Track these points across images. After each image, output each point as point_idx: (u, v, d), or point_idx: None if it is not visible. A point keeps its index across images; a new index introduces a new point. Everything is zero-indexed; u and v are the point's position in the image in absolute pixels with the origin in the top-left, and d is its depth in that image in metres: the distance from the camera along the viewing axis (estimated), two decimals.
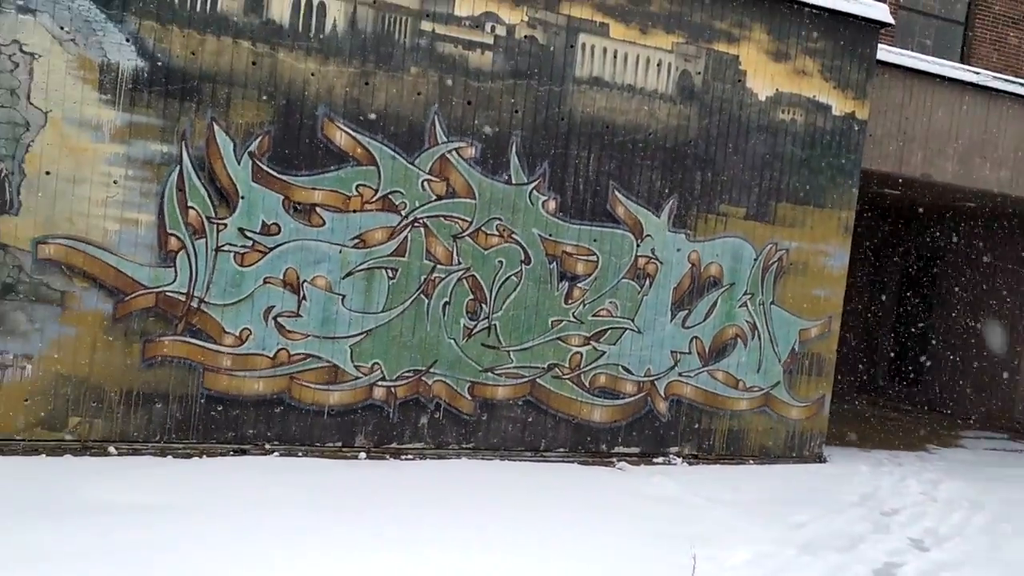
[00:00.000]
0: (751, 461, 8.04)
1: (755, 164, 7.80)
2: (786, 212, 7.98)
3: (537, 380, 7.23)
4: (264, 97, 6.26)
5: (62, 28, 5.72)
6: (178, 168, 6.08)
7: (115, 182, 5.94)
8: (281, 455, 6.41)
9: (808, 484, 7.46)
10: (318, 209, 6.46)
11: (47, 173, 5.77)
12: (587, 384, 7.40)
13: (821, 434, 8.38)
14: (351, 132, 6.49)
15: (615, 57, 7.21)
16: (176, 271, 6.15)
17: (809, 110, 7.95)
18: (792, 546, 5.62)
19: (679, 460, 7.72)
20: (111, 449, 6.02)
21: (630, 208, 7.38)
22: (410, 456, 6.84)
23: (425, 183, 6.75)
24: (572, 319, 7.30)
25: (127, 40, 5.89)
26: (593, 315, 7.37)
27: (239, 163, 6.23)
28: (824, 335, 8.28)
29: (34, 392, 5.87)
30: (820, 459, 8.36)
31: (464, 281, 6.93)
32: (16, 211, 5.73)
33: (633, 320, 7.48)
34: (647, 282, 7.52)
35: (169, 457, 6.04)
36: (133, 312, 6.06)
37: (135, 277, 6.05)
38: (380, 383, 6.77)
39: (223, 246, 6.24)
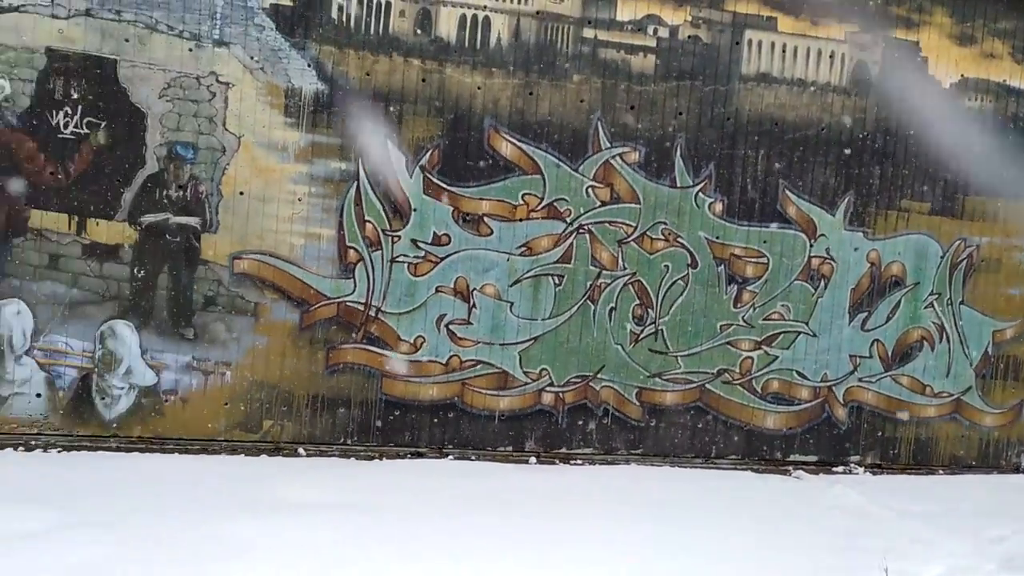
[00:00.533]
0: (940, 471, 7.53)
1: (940, 156, 7.32)
2: (975, 206, 7.44)
3: (706, 386, 7.09)
4: (433, 112, 6.49)
5: (252, 58, 6.16)
6: (355, 184, 6.41)
7: (299, 200, 6.34)
8: (455, 459, 6.62)
9: (1005, 496, 6.90)
10: (486, 219, 6.62)
11: (240, 193, 6.23)
12: (759, 390, 7.18)
13: (1019, 442, 7.75)
14: (516, 142, 6.62)
15: (784, 51, 6.97)
16: (355, 282, 6.48)
17: (999, 95, 7.39)
18: (991, 561, 5.23)
19: (861, 469, 7.34)
20: (300, 450, 6.42)
21: (802, 207, 7.11)
22: (579, 461, 6.88)
23: (589, 189, 6.78)
24: (742, 323, 7.10)
25: (309, 65, 6.27)
26: (764, 319, 7.14)
27: (411, 177, 6.50)
28: (1021, 337, 7.66)
29: (232, 397, 6.35)
30: (1018, 469, 7.73)
31: (630, 286, 6.90)
32: (215, 229, 6.22)
33: (807, 323, 7.19)
34: (822, 283, 7.22)
35: (352, 459, 6.36)
36: (317, 322, 6.44)
37: (319, 288, 6.43)
38: (548, 388, 6.85)
39: (397, 257, 6.52)
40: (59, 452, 5.87)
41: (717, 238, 6.99)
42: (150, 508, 4.84)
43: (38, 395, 6.01)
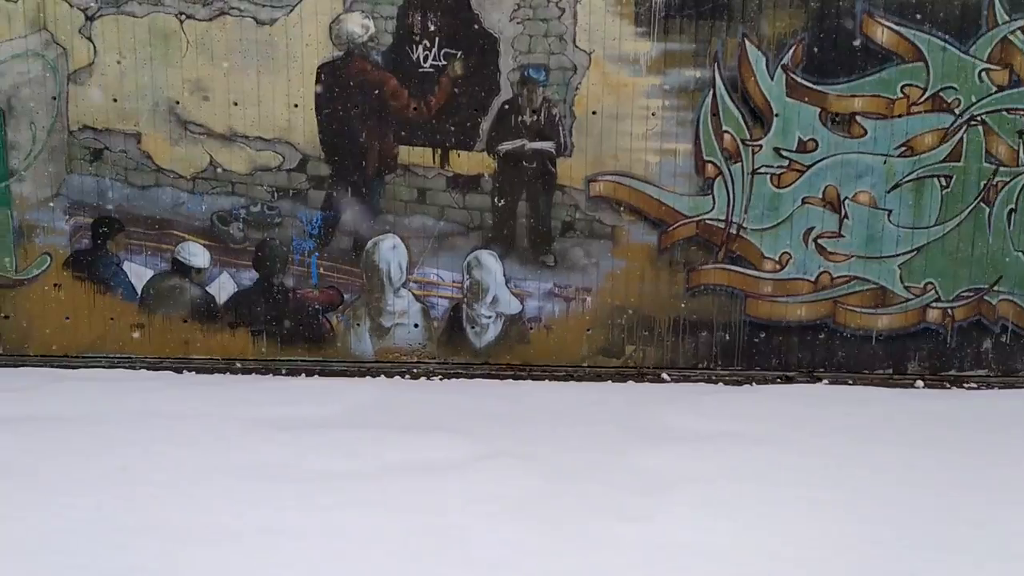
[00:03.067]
0: None
1: None
2: None
3: None
4: (795, 3, 5.83)
5: None
6: (711, 92, 5.94)
7: (653, 114, 6.00)
8: (829, 383, 6.12)
9: None
10: (858, 118, 5.90)
11: (593, 113, 6.00)
12: None
13: None
14: (894, 26, 5.79)
15: None
16: (714, 198, 6.07)
17: None
18: None
19: None
20: (664, 376, 6.23)
21: None
22: (972, 384, 6.11)
23: (983, 73, 5.82)
24: None
25: None
26: None
27: (772, 79, 5.91)
28: None
29: (594, 323, 6.26)
30: None
31: None
32: (569, 153, 6.06)
33: None
34: None
35: (720, 384, 6.07)
36: (676, 242, 6.14)
37: (676, 207, 6.10)
38: (934, 304, 6.10)
39: (759, 168, 6.01)
40: (440, 380, 6.14)
41: None
42: (553, 437, 4.85)
43: (416, 325, 6.29)
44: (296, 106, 5.99)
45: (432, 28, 5.91)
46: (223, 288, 6.24)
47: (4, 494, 4.03)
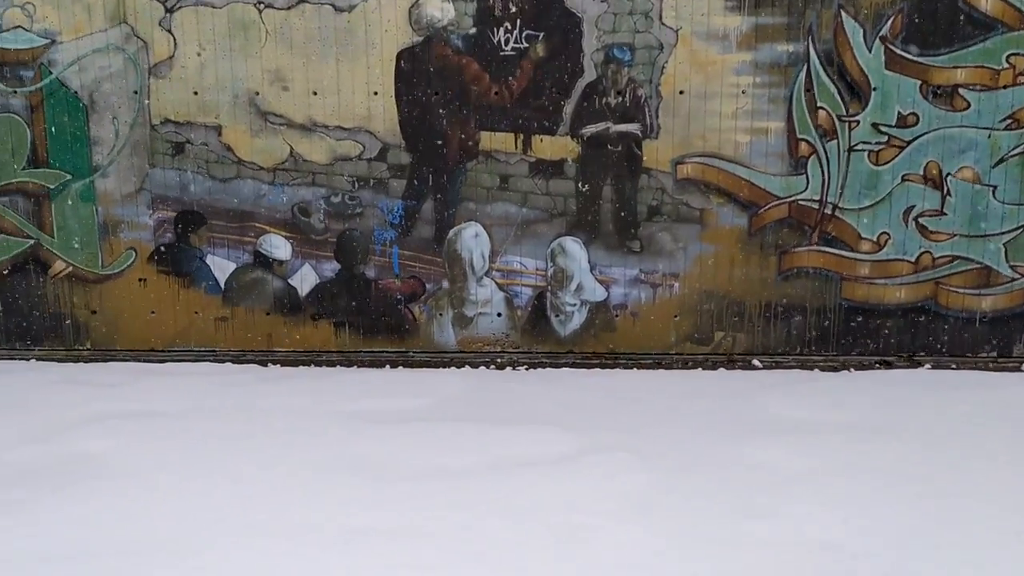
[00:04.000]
0: None
1: None
2: None
3: None
4: None
5: None
6: (805, 67, 5.70)
7: (743, 92, 5.78)
8: (931, 367, 5.88)
9: None
10: (961, 90, 5.62)
11: (680, 92, 5.80)
12: None
13: None
14: None
15: None
16: (808, 178, 5.85)
17: None
18: None
19: None
20: (755, 362, 6.03)
21: None
22: None
23: None
24: None
25: None
26: None
27: (870, 51, 5.66)
28: None
29: (682, 309, 6.09)
30: None
31: None
32: (656, 134, 5.88)
33: None
34: None
35: (815, 370, 5.85)
36: (767, 224, 5.92)
37: (767, 188, 5.89)
38: None
39: (855, 145, 5.77)
40: (526, 370, 6.03)
41: None
42: (655, 429, 4.70)
43: (499, 314, 6.18)
44: (376, 94, 5.89)
45: (513, 10, 5.75)
46: (305, 280, 6.20)
47: (116, 495, 4.01)
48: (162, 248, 6.13)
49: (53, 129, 5.97)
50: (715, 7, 5.68)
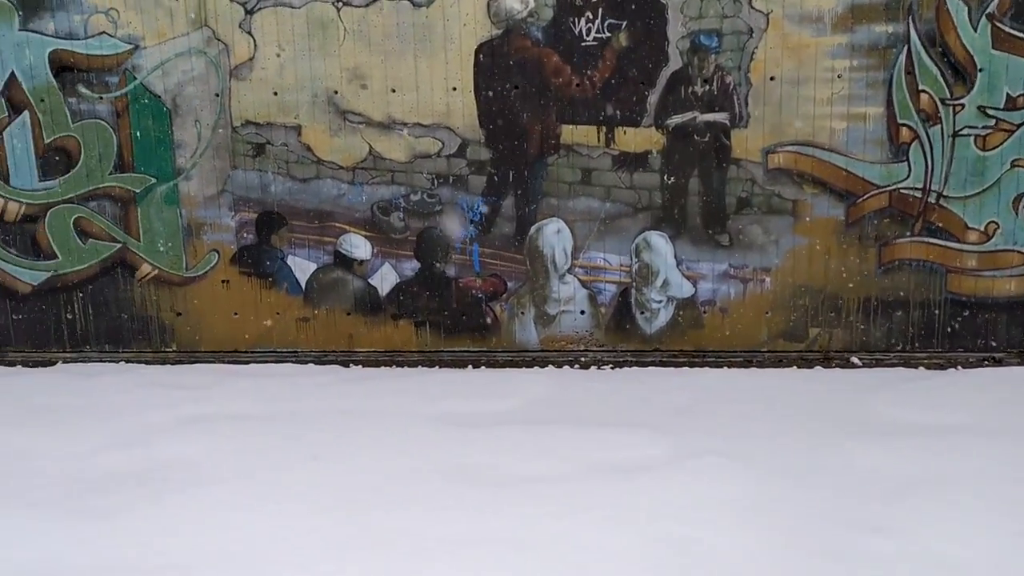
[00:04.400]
0: None
1: None
2: None
3: None
4: None
5: None
6: (905, 48, 5.40)
7: (839, 76, 5.50)
8: None
9: None
10: None
11: (771, 79, 5.55)
12: None
13: None
14: None
15: None
16: (910, 165, 5.54)
17: None
18: None
19: None
20: (854, 360, 5.75)
21: None
22: None
23: None
24: None
25: None
26: None
27: (975, 30, 5.32)
28: None
29: (774, 304, 5.84)
30: None
31: None
32: (745, 123, 5.64)
33: None
34: None
35: (920, 368, 5.55)
36: (866, 215, 5.63)
37: (865, 177, 5.59)
38: None
39: (961, 130, 5.43)
40: (611, 368, 5.87)
41: None
42: (755, 432, 4.49)
43: (582, 312, 6.02)
44: (455, 89, 5.79)
45: None
46: (385, 279, 6.14)
47: (210, 503, 3.99)
48: (244, 249, 6.14)
49: (138, 133, 6.03)
50: None
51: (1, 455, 4.62)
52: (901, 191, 5.57)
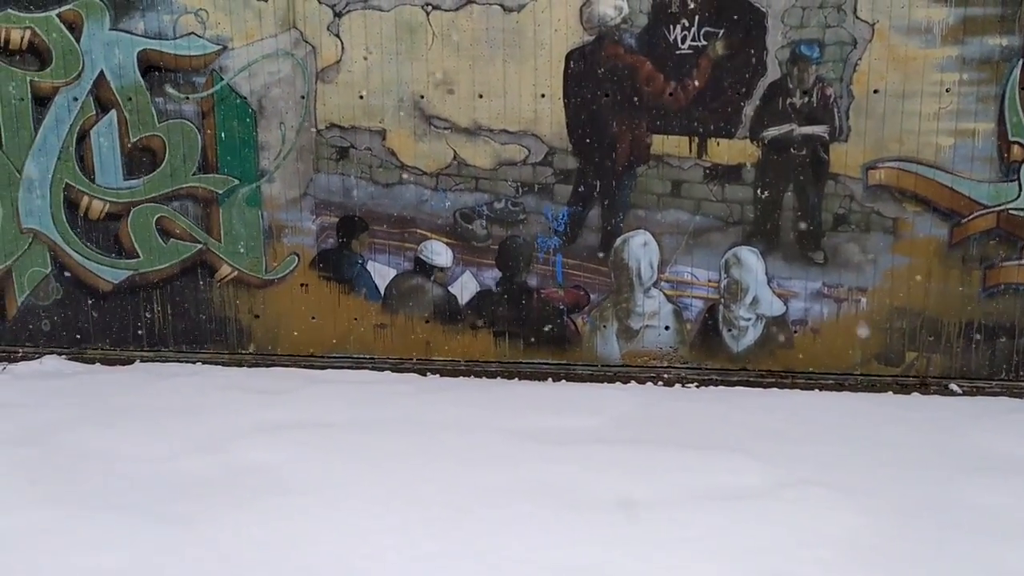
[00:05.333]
0: None
1: None
2: None
3: None
4: None
5: None
6: (1020, 62, 5.14)
7: (947, 90, 5.26)
8: None
9: None
10: None
11: (875, 91, 5.33)
12: None
13: None
14: None
15: None
16: (1020, 185, 5.28)
17: None
18: None
19: None
20: (953, 387, 5.50)
21: None
22: None
23: None
24: None
25: None
26: None
27: None
28: None
29: (869, 326, 5.62)
30: None
31: None
32: (845, 137, 5.42)
33: None
34: None
35: (1021, 399, 5.31)
36: (971, 236, 5.38)
37: (972, 196, 5.34)
38: None
39: None
40: (696, 387, 5.69)
41: None
42: (856, 462, 4.28)
43: (667, 327, 5.85)
44: (543, 96, 5.67)
45: (692, 6, 5.41)
46: (465, 288, 6.04)
47: (293, 514, 3.90)
48: (324, 253, 6.08)
49: (223, 135, 6.02)
50: None
51: (84, 455, 4.61)
52: (1010, 212, 5.30)
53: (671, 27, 5.48)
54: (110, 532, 3.85)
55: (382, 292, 6.10)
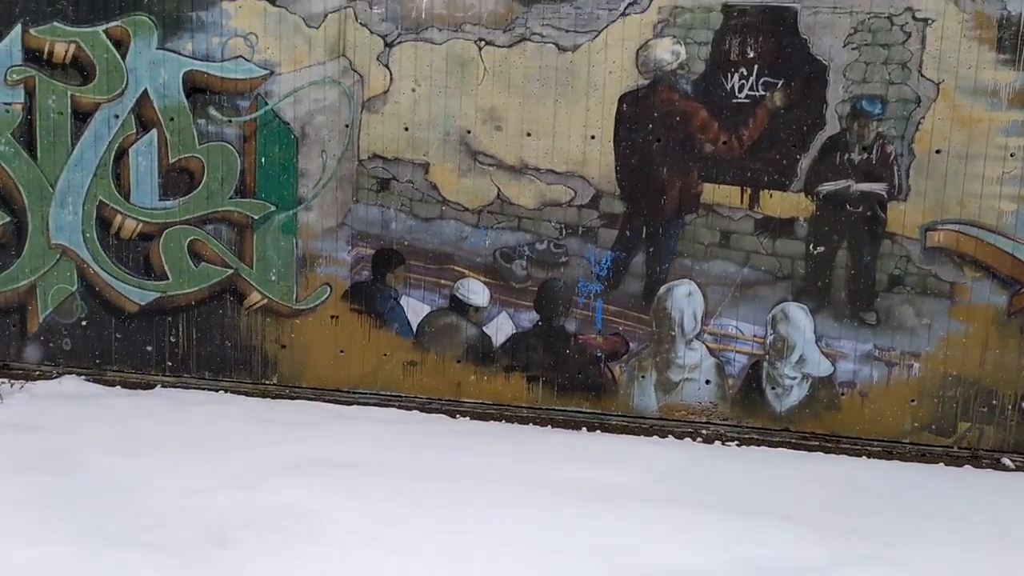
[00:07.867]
0: None
1: None
2: None
3: None
4: None
5: None
6: None
7: (1011, 155, 5.11)
8: None
9: None
10: None
11: (937, 152, 5.19)
12: None
13: None
14: None
15: None
16: None
17: None
18: None
19: None
20: (1005, 461, 5.28)
21: None
22: None
23: None
24: None
25: None
26: None
27: None
28: None
29: (920, 393, 5.40)
30: None
31: None
32: (904, 196, 5.28)
33: None
34: None
35: None
36: None
37: None
38: None
39: None
40: (736, 445, 5.47)
41: None
42: (917, 537, 4.05)
43: (707, 381, 5.66)
44: (593, 138, 5.54)
45: (751, 55, 5.31)
46: (500, 329, 5.86)
47: (332, 563, 3.71)
48: (357, 286, 5.92)
49: (263, 160, 5.91)
50: (985, 59, 5.06)
51: (106, 485, 4.41)
52: None
53: (729, 75, 5.36)
54: (135, 571, 3.65)
55: (414, 329, 5.93)
